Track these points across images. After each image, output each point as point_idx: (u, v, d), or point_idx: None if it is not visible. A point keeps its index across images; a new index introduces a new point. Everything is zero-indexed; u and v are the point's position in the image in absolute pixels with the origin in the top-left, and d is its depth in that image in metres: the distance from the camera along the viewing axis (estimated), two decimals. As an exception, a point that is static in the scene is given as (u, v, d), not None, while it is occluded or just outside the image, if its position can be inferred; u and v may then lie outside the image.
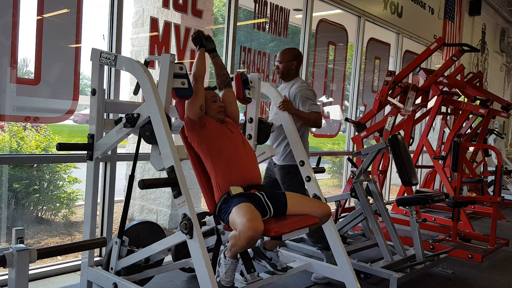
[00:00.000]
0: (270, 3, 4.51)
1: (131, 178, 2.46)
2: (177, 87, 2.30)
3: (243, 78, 2.83)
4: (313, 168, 2.90)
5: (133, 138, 4.41)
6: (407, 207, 3.59)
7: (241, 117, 3.27)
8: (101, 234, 3.32)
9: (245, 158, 2.55)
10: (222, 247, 2.56)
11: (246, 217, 2.14)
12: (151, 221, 2.95)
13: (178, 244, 2.46)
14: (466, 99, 5.38)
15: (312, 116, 3.14)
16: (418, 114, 5.63)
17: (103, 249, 3.32)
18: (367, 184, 3.65)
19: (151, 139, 2.23)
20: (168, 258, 3.54)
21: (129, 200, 2.49)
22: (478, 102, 5.05)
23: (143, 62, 2.38)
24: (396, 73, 4.69)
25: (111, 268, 2.53)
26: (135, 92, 2.52)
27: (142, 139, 2.32)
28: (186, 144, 2.57)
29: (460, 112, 5.27)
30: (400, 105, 4.52)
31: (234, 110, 2.76)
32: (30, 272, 1.94)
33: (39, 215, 4.56)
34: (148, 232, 2.82)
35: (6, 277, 1.88)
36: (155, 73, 3.34)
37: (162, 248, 2.40)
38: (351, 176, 3.73)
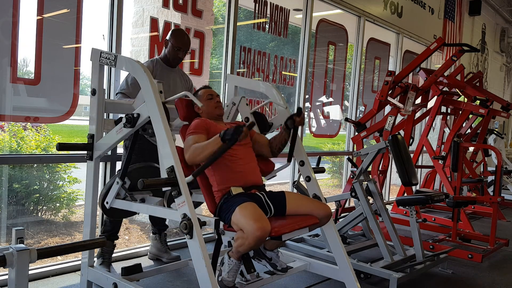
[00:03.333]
0: (270, 3, 4.51)
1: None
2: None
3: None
4: (313, 168, 2.90)
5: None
6: (407, 207, 3.59)
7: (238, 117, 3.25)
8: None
9: (245, 158, 2.55)
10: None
11: (253, 217, 2.14)
12: (154, 165, 2.87)
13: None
14: (466, 99, 5.38)
15: None
16: (418, 114, 5.63)
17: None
18: (367, 184, 3.65)
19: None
20: (168, 258, 3.54)
21: (134, 148, 2.51)
22: (478, 102, 5.04)
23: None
24: (396, 73, 4.69)
25: (107, 202, 2.56)
26: None
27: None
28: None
29: (460, 112, 5.26)
30: (400, 105, 4.52)
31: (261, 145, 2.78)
32: (30, 272, 1.94)
33: (39, 215, 4.56)
34: (151, 176, 2.80)
35: (6, 277, 1.88)
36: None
37: (154, 214, 2.47)
38: (351, 176, 3.73)
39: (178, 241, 3.82)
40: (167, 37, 3.19)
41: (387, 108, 5.21)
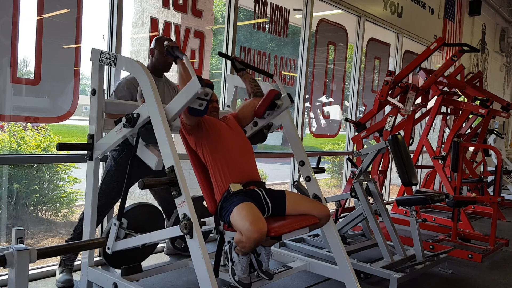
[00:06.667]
0: (270, 3, 4.51)
1: (132, 159, 2.46)
2: (194, 107, 2.22)
3: (274, 99, 2.65)
4: (313, 168, 2.90)
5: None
6: (407, 207, 3.59)
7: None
8: (101, 234, 3.31)
9: (243, 154, 2.55)
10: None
11: (249, 219, 2.13)
12: (150, 203, 2.93)
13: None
14: (466, 99, 5.38)
15: None
16: (418, 114, 5.63)
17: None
18: (367, 184, 3.65)
19: (149, 138, 2.24)
20: (167, 258, 3.55)
21: (129, 184, 2.50)
22: (478, 102, 5.05)
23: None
24: (396, 73, 4.69)
25: (108, 248, 2.55)
26: None
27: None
28: (185, 144, 2.57)
29: (460, 112, 5.27)
30: (400, 105, 4.52)
31: (247, 116, 2.76)
32: (30, 272, 1.94)
33: (39, 215, 4.56)
34: (147, 215, 2.83)
35: (6, 277, 1.88)
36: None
37: (158, 239, 2.44)
38: (351, 176, 3.73)
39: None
40: (152, 46, 3.10)
41: (387, 108, 5.21)
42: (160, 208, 3.14)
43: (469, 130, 5.86)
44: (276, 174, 8.71)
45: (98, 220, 2.90)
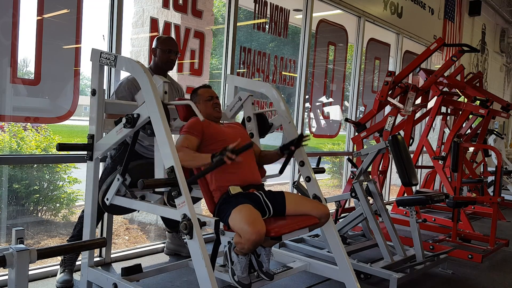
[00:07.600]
0: (270, 3, 4.51)
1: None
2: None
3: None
4: (313, 168, 2.90)
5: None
6: (407, 207, 3.59)
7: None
8: (101, 234, 3.32)
9: (244, 157, 2.55)
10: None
11: (247, 221, 2.13)
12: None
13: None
14: (466, 100, 5.38)
15: None
16: (418, 115, 5.63)
17: (103, 249, 3.33)
18: (367, 184, 3.65)
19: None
20: (167, 258, 3.55)
21: (135, 144, 2.49)
22: (478, 102, 5.04)
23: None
24: (396, 74, 4.69)
25: (107, 199, 2.56)
26: None
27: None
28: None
29: (460, 112, 5.26)
30: (400, 105, 4.52)
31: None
32: (30, 272, 1.94)
33: (39, 215, 4.56)
34: (152, 174, 2.81)
35: (6, 277, 1.88)
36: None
37: (153, 213, 2.44)
38: (351, 177, 3.73)
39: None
40: (153, 46, 3.12)
41: (387, 109, 5.21)
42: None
43: (469, 131, 5.85)
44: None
45: (98, 219, 2.85)
